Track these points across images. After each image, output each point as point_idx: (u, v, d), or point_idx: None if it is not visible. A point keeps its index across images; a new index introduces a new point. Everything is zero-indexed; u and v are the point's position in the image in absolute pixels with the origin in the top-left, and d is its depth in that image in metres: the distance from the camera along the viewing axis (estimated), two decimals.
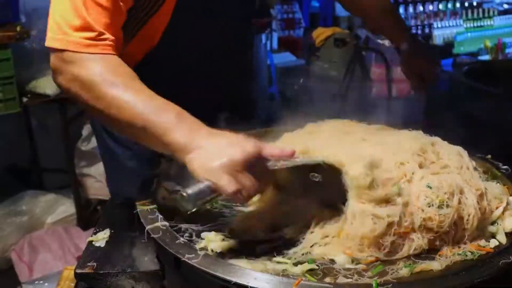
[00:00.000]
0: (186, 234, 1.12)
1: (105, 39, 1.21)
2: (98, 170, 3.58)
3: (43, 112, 3.61)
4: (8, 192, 3.42)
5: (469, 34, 7.29)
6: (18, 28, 2.73)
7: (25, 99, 2.95)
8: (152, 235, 1.08)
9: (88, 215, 3.56)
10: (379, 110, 1.64)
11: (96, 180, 3.64)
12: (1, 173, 3.67)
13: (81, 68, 1.17)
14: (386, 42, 4.05)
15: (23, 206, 3.30)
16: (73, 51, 1.18)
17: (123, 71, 1.19)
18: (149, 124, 1.09)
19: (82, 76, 1.17)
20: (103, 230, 1.33)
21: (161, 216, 1.15)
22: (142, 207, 1.19)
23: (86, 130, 3.44)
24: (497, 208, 1.13)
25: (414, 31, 7.71)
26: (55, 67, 1.23)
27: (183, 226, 1.15)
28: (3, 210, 3.27)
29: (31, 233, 3.21)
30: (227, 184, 0.99)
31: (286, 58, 6.75)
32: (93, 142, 3.44)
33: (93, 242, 1.28)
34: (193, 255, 0.99)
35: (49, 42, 1.23)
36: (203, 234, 1.11)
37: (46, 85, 2.99)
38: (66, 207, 3.45)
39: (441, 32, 7.38)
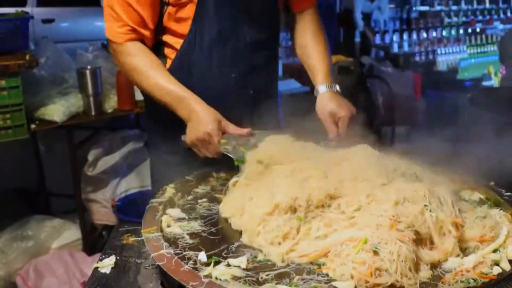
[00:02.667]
0: (191, 262, 1.13)
1: (137, 32, 1.66)
2: (104, 195, 3.60)
3: (50, 138, 3.65)
4: (16, 216, 3.44)
5: (472, 60, 7.36)
6: (27, 56, 2.78)
7: (33, 126, 2.98)
8: (157, 262, 1.09)
9: (93, 241, 3.57)
10: (384, 136, 1.65)
11: (101, 206, 3.65)
12: (9, 197, 3.70)
13: (125, 57, 1.68)
14: (390, 69, 4.09)
15: (29, 230, 3.31)
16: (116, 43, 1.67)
17: (152, 59, 1.67)
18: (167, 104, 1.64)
19: (127, 64, 1.68)
20: (108, 256, 1.34)
21: (166, 244, 1.16)
22: (147, 235, 1.21)
23: (92, 155, 3.47)
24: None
25: (418, 57, 7.81)
26: (113, 53, 1.72)
27: (188, 253, 1.16)
28: (10, 235, 3.28)
29: (36, 257, 3.21)
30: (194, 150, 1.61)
31: (290, 85, 6.79)
32: (99, 167, 3.47)
33: (99, 269, 1.30)
34: (197, 282, 1.00)
35: (107, 34, 1.69)
36: (208, 261, 1.12)
37: (54, 112, 3.02)
38: (71, 232, 3.46)
39: (445, 58, 7.45)
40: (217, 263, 1.12)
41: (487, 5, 10.47)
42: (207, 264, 1.11)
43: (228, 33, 1.71)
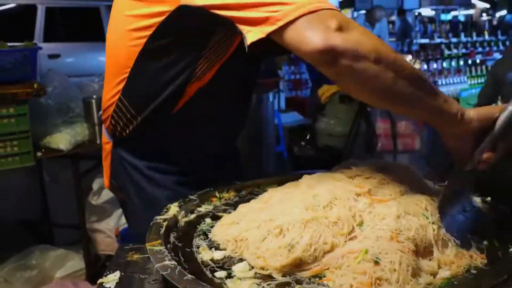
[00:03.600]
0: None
1: None
2: (108, 225, 3.63)
3: (55, 166, 3.70)
4: (20, 247, 3.46)
5: (473, 90, 7.42)
6: (35, 85, 2.86)
7: (39, 154, 3.03)
8: (161, 272, 1.11)
9: (97, 270, 3.57)
10: None
11: (106, 236, 3.67)
12: (12, 227, 3.72)
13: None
14: None
15: (33, 260, 3.33)
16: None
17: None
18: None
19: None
20: (113, 272, 1.37)
21: (170, 256, 1.19)
22: (151, 247, 1.24)
23: (97, 184, 3.50)
24: None
25: None
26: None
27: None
28: (13, 264, 3.29)
29: (40, 287, 3.22)
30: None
31: (293, 117, 6.89)
32: (104, 196, 3.50)
33: (104, 284, 1.32)
34: None
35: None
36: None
37: (60, 141, 3.08)
38: (75, 262, 3.47)
39: (445, 89, 7.52)
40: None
41: (486, 37, 10.66)
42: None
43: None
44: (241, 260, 1.23)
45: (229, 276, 1.16)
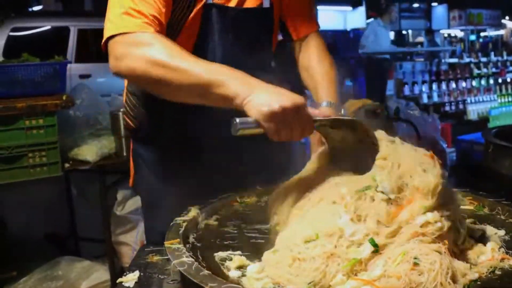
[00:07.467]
0: None
1: (157, 24, 1.46)
2: (133, 238, 3.64)
3: (82, 180, 3.74)
4: (46, 259, 3.49)
5: (503, 108, 7.30)
6: (64, 97, 2.92)
7: (66, 165, 3.08)
8: (178, 268, 1.11)
9: None
10: None
11: (131, 248, 3.68)
12: (39, 240, 3.76)
13: (149, 48, 1.39)
14: (416, 113, 4.11)
15: (59, 271, 3.36)
16: (137, 32, 1.41)
17: (180, 49, 1.40)
18: (210, 82, 1.31)
19: (151, 56, 1.38)
20: (133, 272, 1.37)
21: (187, 253, 1.19)
22: (170, 245, 1.24)
23: (121, 194, 3.53)
24: None
25: (448, 107, 7.83)
26: (121, 53, 1.41)
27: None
28: (39, 275, 3.32)
29: None
30: (272, 130, 1.24)
31: None
32: (128, 206, 3.52)
33: (123, 283, 1.33)
34: (216, 284, 1.02)
35: (112, 32, 1.43)
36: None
37: (87, 152, 3.12)
38: (100, 274, 3.48)
39: (475, 108, 7.43)
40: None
41: None
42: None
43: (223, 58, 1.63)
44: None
45: (244, 275, 1.15)
